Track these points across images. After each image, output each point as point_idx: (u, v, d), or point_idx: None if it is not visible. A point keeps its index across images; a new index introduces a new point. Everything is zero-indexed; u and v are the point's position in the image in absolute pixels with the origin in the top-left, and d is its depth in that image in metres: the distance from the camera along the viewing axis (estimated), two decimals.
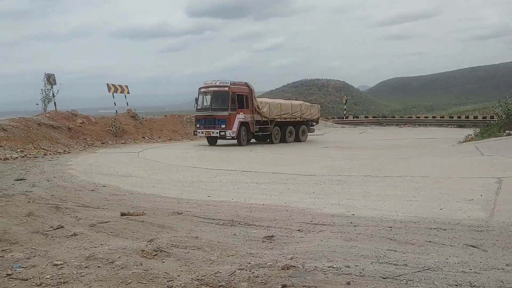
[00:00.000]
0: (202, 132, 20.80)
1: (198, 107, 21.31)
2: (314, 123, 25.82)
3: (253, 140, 21.91)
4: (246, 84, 21.33)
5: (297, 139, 23.27)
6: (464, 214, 5.72)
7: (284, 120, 22.48)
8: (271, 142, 21.84)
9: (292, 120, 23.01)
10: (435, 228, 5.06)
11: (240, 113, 20.41)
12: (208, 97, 20.83)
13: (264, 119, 21.36)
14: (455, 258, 3.99)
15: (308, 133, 24.68)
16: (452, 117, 43.11)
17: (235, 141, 20.69)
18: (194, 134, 22.13)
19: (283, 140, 22.39)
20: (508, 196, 6.79)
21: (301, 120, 23.80)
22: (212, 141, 21.38)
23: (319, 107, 26.71)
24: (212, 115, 20.37)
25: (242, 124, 20.48)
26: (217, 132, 20.24)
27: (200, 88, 21.26)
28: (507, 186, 7.57)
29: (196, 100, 21.34)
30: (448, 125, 38.73)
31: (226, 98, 20.26)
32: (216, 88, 20.57)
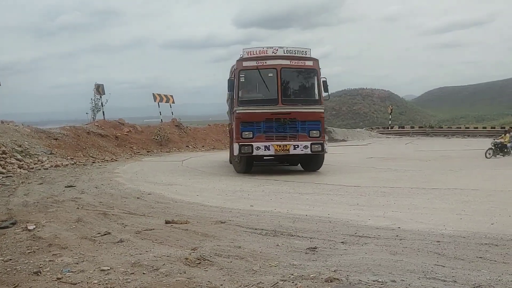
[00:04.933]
0: (266, 147, 11.61)
1: (241, 97, 12.05)
2: None
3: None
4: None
5: None
6: None
7: None
8: (293, 164, 13.99)
9: None
10: (486, 244, 4.85)
11: None
12: (269, 77, 11.91)
13: None
14: (508, 275, 3.80)
15: None
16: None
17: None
18: (239, 152, 11.86)
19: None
20: None
21: None
22: (248, 165, 12.72)
23: None
24: (288, 113, 11.74)
25: None
26: (305, 146, 11.71)
27: (241, 61, 12.01)
28: None
29: (232, 83, 12.04)
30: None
31: (312, 81, 12.28)
32: (288, 62, 11.87)
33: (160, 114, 27.73)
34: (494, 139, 19.08)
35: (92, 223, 6.27)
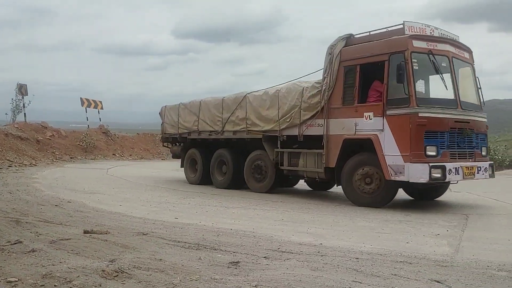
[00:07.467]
0: (456, 170, 8.29)
1: (419, 94, 8.54)
2: None
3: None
4: None
5: None
6: (430, 249, 5.75)
7: None
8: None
9: None
10: (401, 262, 5.06)
11: None
12: (443, 67, 8.69)
13: None
14: None
15: None
16: None
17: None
18: (429, 177, 8.02)
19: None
20: (473, 232, 6.88)
21: None
22: (395, 192, 9.40)
23: None
24: (467, 121, 8.79)
25: None
26: (485, 169, 9.06)
27: (410, 39, 8.33)
28: (472, 222, 7.69)
29: (403, 69, 8.03)
30: None
31: (470, 79, 9.49)
32: (453, 49, 8.89)
33: (87, 120, 26.75)
34: None
35: (2, 231, 5.84)
